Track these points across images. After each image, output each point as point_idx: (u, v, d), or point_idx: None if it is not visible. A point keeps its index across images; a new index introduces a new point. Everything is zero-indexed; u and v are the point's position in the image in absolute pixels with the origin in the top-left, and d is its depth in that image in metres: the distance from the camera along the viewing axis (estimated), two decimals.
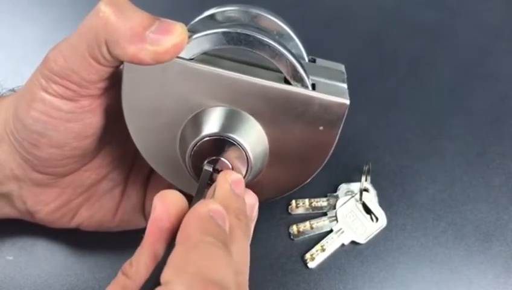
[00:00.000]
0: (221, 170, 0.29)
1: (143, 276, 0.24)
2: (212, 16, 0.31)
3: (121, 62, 0.27)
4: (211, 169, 0.29)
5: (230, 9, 0.31)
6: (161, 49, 0.26)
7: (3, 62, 0.48)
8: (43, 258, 0.37)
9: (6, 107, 0.31)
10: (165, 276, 0.22)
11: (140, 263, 0.24)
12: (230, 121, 0.29)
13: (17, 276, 0.37)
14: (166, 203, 0.25)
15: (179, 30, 0.26)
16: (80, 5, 0.50)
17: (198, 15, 0.32)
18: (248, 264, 0.25)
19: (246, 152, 0.29)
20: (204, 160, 0.29)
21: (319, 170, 0.31)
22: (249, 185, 0.30)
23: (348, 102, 0.28)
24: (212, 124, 0.28)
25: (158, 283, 0.22)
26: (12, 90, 0.34)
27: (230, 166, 0.29)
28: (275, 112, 0.29)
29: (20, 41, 0.49)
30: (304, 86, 0.28)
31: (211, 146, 0.29)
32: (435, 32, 0.52)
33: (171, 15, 0.27)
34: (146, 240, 0.25)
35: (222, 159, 0.29)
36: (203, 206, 0.25)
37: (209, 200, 0.26)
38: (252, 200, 0.29)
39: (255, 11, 0.31)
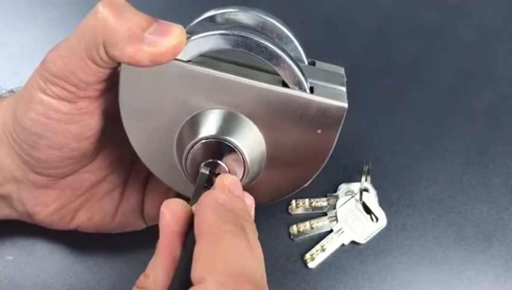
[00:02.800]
0: (218, 173, 0.29)
1: (162, 284, 0.24)
2: (211, 18, 0.31)
3: (119, 63, 0.27)
4: (207, 172, 0.29)
5: (229, 11, 0.31)
6: (159, 51, 0.26)
7: (2, 63, 0.47)
8: (43, 258, 0.37)
9: (5, 109, 0.31)
10: (195, 274, 0.22)
11: (158, 271, 0.24)
12: (228, 123, 0.28)
13: (17, 276, 0.37)
14: (173, 209, 0.25)
15: (177, 32, 0.26)
16: (79, 5, 0.50)
17: (198, 16, 0.31)
18: (263, 265, 0.25)
19: (242, 155, 0.29)
20: (201, 163, 0.29)
21: (317, 174, 0.31)
22: (247, 188, 0.30)
23: (346, 105, 0.28)
24: (209, 127, 0.28)
25: (186, 282, 0.22)
26: (11, 91, 0.34)
27: (227, 169, 0.29)
28: (273, 115, 0.28)
29: (19, 42, 0.49)
30: (302, 89, 0.28)
31: (207, 149, 0.29)
32: (435, 32, 0.52)
33: (170, 16, 0.27)
34: (161, 248, 0.24)
35: (219, 162, 0.29)
36: (211, 197, 0.25)
37: (212, 190, 0.26)
38: (248, 202, 0.29)
39: (254, 13, 0.31)
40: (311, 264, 0.38)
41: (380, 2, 0.54)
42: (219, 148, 0.29)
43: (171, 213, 0.25)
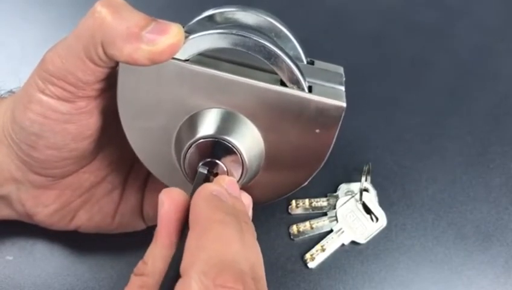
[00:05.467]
0: (217, 173, 0.29)
1: (161, 270, 0.24)
2: (210, 17, 0.31)
3: (117, 63, 0.27)
4: (205, 171, 0.29)
5: (228, 11, 0.31)
6: (157, 49, 0.26)
7: (2, 63, 0.48)
8: (43, 258, 0.37)
9: (4, 110, 0.31)
10: (182, 266, 0.22)
11: (156, 257, 0.24)
12: (226, 123, 0.28)
13: (17, 276, 0.37)
14: (172, 198, 0.25)
15: (175, 30, 0.26)
16: (79, 5, 0.50)
17: (197, 15, 0.31)
18: (263, 268, 0.25)
19: (240, 155, 0.29)
20: (199, 162, 0.29)
21: (315, 173, 0.31)
22: (245, 188, 0.30)
23: (344, 105, 0.28)
24: (207, 126, 0.28)
25: (178, 274, 0.22)
26: (11, 91, 0.34)
27: (225, 168, 0.29)
28: (271, 114, 0.28)
29: (19, 42, 0.49)
30: (300, 88, 0.28)
31: (205, 148, 0.29)
32: (435, 32, 0.52)
33: (169, 15, 0.27)
34: (159, 235, 0.25)
35: (217, 161, 0.29)
36: (205, 189, 0.25)
37: (207, 183, 0.26)
38: (246, 201, 0.29)
39: (253, 12, 0.31)
40: (311, 264, 0.38)
41: (380, 2, 0.54)
42: (217, 147, 0.28)
43: (169, 201, 0.25)
